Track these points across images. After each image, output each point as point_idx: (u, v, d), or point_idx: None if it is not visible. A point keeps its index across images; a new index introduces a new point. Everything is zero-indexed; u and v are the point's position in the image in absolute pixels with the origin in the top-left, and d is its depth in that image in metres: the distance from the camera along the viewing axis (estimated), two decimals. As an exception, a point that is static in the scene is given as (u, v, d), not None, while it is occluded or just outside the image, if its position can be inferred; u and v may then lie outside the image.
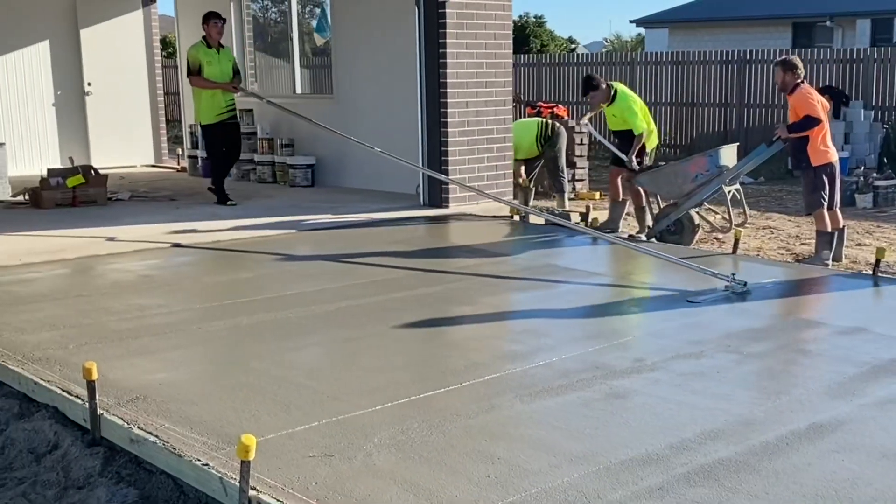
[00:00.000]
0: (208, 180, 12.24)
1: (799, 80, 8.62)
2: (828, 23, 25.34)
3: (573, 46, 46.66)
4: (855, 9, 25.01)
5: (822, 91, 9.09)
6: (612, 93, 9.85)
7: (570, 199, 11.70)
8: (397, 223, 9.19)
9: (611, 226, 10.08)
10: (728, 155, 9.55)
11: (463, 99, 9.82)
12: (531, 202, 11.18)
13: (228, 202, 10.24)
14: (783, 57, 9.77)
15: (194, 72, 10.02)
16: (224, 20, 10.23)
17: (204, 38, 10.14)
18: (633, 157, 9.67)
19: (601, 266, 7.87)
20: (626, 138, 9.88)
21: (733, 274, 6.51)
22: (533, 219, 9.34)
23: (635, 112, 9.73)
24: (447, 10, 9.53)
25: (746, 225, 9.81)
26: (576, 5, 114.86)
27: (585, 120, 11.12)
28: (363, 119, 11.24)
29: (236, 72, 10.37)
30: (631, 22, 32.13)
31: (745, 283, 6.35)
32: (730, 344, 5.13)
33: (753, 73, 18.04)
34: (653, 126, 10.02)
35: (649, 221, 9.86)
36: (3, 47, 12.86)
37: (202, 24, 10.16)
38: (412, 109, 10.05)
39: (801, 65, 8.72)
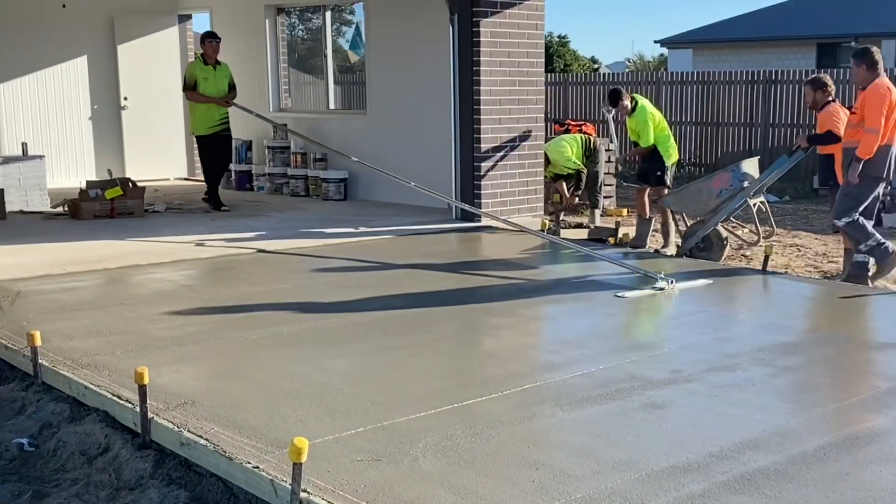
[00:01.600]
0: (241, 193, 12.48)
1: (829, 99, 8.71)
2: (852, 43, 25.30)
3: (596, 66, 46.83)
4: (880, 29, 24.99)
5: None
6: (633, 105, 10.04)
7: (599, 216, 11.79)
8: (431, 236, 9.31)
9: (638, 242, 10.21)
10: (750, 168, 9.64)
11: (496, 116, 9.96)
12: (561, 217, 11.30)
13: (222, 208, 10.84)
14: (814, 75, 9.83)
15: (190, 87, 10.73)
16: (219, 39, 10.91)
17: (201, 55, 10.81)
18: (628, 156, 10.02)
19: (632, 279, 7.93)
20: (647, 151, 10.14)
21: (661, 273, 7.08)
22: (564, 233, 9.45)
23: (649, 126, 10.00)
24: (481, 29, 9.68)
25: (773, 240, 9.86)
26: (599, 26, 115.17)
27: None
28: (395, 135, 11.39)
29: (232, 87, 10.96)
30: (655, 42, 32.25)
31: (673, 281, 6.96)
32: (764, 357, 5.20)
33: (778, 93, 18.09)
34: (672, 142, 10.20)
35: (675, 237, 9.98)
36: (43, 62, 13.12)
37: (200, 42, 10.82)
38: (444, 126, 10.20)
39: (831, 83, 8.81)
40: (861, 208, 7.96)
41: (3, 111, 13.00)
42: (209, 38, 10.88)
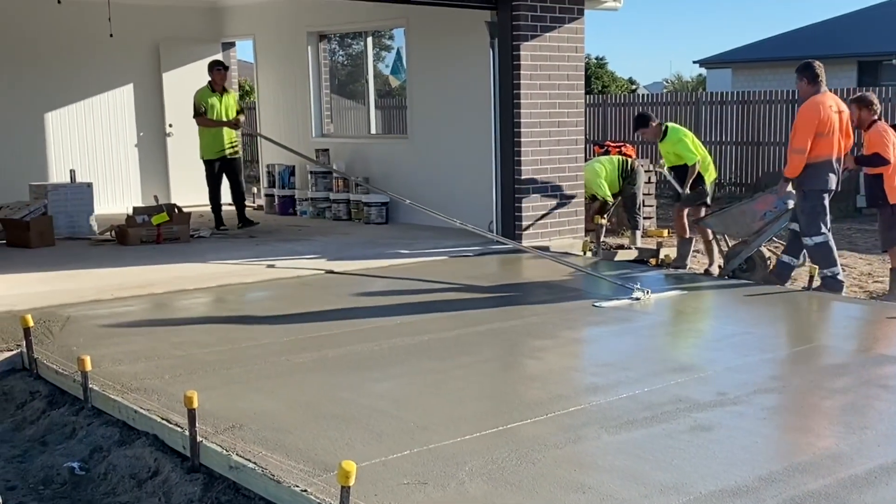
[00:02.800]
0: (285, 218, 12.65)
1: (875, 118, 8.64)
2: (894, 61, 25.09)
3: (634, 87, 46.78)
4: (922, 47, 24.82)
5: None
6: (664, 130, 10.06)
7: (640, 237, 11.75)
8: (472, 258, 9.34)
9: (679, 263, 10.16)
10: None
11: (536, 138, 10.00)
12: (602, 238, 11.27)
13: (221, 227, 11.33)
14: (859, 94, 9.74)
15: (199, 112, 11.16)
16: (227, 68, 11.43)
17: (209, 83, 11.24)
18: (687, 188, 10.05)
19: (676, 301, 7.91)
20: (682, 173, 10.10)
21: (638, 285, 7.43)
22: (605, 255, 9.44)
23: (686, 144, 9.95)
24: (521, 52, 9.73)
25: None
26: (636, 47, 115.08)
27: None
28: (436, 158, 11.47)
29: (240, 112, 11.47)
30: (694, 62, 32.11)
31: (649, 291, 7.35)
32: (811, 379, 5.16)
33: (820, 111, 17.91)
34: (708, 159, 10.14)
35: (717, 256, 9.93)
36: (91, 91, 13.38)
37: (208, 71, 11.28)
38: (485, 149, 10.25)
39: (876, 102, 8.75)
40: (823, 226, 8.28)
41: (52, 139, 13.26)
42: (217, 67, 11.33)
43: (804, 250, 8.60)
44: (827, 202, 8.34)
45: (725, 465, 3.94)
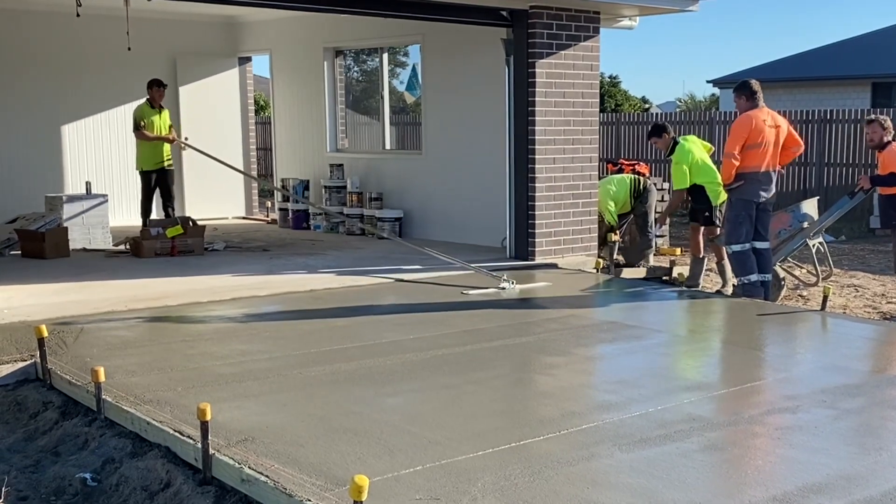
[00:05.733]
0: (298, 232, 12.72)
1: (890, 138, 8.64)
2: (908, 82, 25.07)
3: (647, 106, 46.80)
4: (936, 68, 24.74)
5: None
6: (672, 145, 10.11)
7: (653, 256, 11.73)
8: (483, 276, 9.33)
9: (692, 282, 10.15)
10: (809, 209, 9.58)
11: (550, 155, 10.00)
12: (615, 256, 11.26)
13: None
14: (875, 115, 9.74)
15: (139, 127, 11.52)
16: (165, 86, 11.92)
17: (148, 99, 11.64)
18: (665, 216, 11.12)
19: (687, 320, 7.90)
20: (694, 192, 10.14)
21: (506, 277, 8.55)
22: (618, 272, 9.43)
23: (681, 170, 9.98)
24: (537, 70, 9.75)
25: (831, 280, 9.75)
26: (650, 66, 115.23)
27: None
28: (451, 174, 11.50)
29: (170, 127, 11.99)
30: (708, 82, 31.91)
31: (514, 282, 8.51)
32: (825, 399, 5.13)
33: (833, 132, 17.98)
34: (719, 179, 10.00)
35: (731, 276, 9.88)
36: (108, 103, 13.47)
37: (147, 88, 11.64)
38: (500, 165, 10.26)
39: (889, 123, 8.74)
40: (743, 236, 8.57)
41: (68, 151, 13.35)
42: (157, 85, 11.76)
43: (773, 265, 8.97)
44: (753, 213, 8.62)
45: (738, 484, 3.92)
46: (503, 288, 8.42)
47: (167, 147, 11.80)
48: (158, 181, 11.84)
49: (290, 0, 9.08)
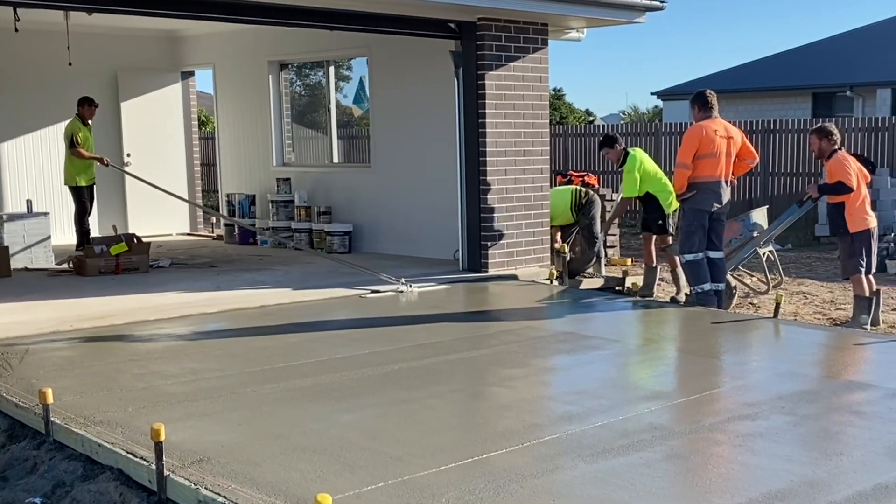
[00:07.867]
0: (245, 248, 12.59)
1: (835, 147, 8.75)
2: (848, 92, 25.51)
3: (591, 118, 47.26)
4: (874, 79, 25.17)
5: (856, 158, 9.20)
6: (624, 156, 10.20)
7: (605, 266, 11.76)
8: (438, 287, 9.28)
9: (646, 291, 10.21)
10: (759, 218, 9.70)
11: (502, 167, 10.00)
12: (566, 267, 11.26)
13: (79, 248, 11.36)
14: (819, 125, 9.88)
15: (76, 143, 11.43)
16: (97, 105, 11.81)
17: (79, 115, 11.50)
18: (609, 224, 11.42)
19: (644, 329, 7.93)
20: (646, 201, 10.28)
21: (402, 279, 9.03)
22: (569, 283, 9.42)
23: (632, 178, 10.13)
24: (486, 81, 9.74)
25: (781, 288, 9.86)
26: (593, 79, 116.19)
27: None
28: (401, 187, 11.44)
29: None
30: (652, 94, 32.21)
31: (411, 285, 8.92)
32: (783, 405, 5.15)
33: (777, 142, 18.29)
34: (670, 188, 10.05)
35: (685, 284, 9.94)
36: (47, 120, 13.16)
37: (78, 105, 11.52)
38: (450, 178, 10.23)
39: (836, 132, 8.86)
40: (696, 245, 8.65)
41: (7, 168, 13.03)
42: (89, 104, 11.62)
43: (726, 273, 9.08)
44: (706, 223, 8.71)
45: (703, 493, 3.90)
46: (401, 291, 8.93)
47: (94, 163, 11.72)
48: (90, 196, 11.76)
49: (235, 13, 8.93)
